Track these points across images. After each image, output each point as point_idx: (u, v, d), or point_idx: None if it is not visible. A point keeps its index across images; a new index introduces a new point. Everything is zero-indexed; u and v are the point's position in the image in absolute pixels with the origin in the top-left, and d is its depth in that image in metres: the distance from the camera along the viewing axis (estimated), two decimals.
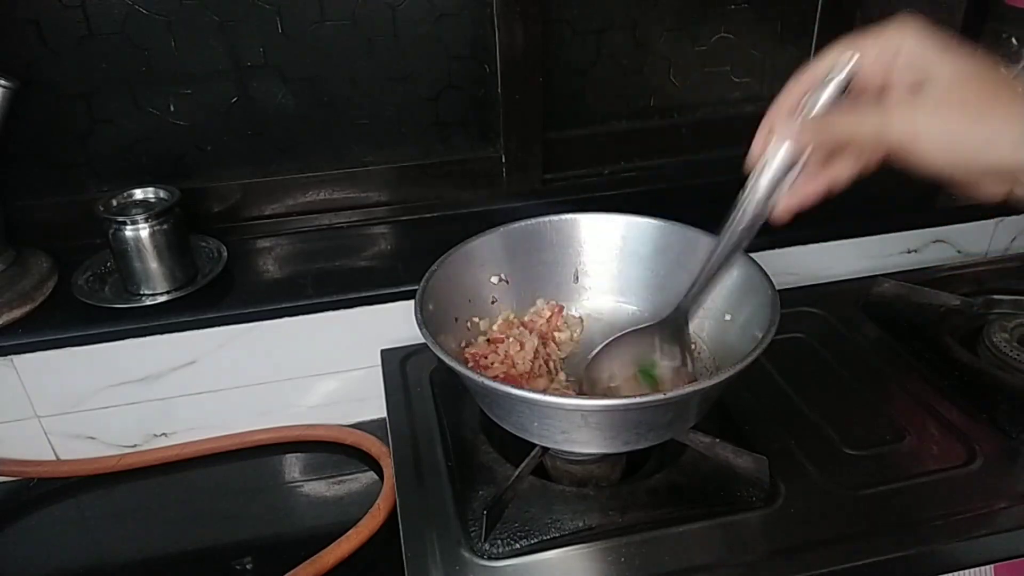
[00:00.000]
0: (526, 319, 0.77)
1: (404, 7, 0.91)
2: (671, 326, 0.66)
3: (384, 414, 0.81)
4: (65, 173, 0.92)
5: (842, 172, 0.50)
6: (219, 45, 0.89)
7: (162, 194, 0.86)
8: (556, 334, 0.76)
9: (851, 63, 0.47)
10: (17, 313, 0.82)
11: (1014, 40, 0.97)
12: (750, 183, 0.52)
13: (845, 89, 0.48)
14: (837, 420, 0.75)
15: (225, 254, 0.92)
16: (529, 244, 0.78)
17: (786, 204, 0.51)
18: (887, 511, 0.65)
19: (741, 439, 0.70)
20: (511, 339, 0.72)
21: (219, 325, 0.85)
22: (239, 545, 0.79)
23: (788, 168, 0.50)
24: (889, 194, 1.00)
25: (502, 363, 0.71)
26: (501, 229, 0.77)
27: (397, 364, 0.86)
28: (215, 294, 0.87)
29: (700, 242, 0.72)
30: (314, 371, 0.91)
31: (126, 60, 0.87)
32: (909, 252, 1.05)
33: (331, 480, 0.86)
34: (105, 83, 0.88)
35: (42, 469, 0.88)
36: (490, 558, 0.62)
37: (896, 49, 0.46)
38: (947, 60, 0.44)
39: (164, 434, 0.91)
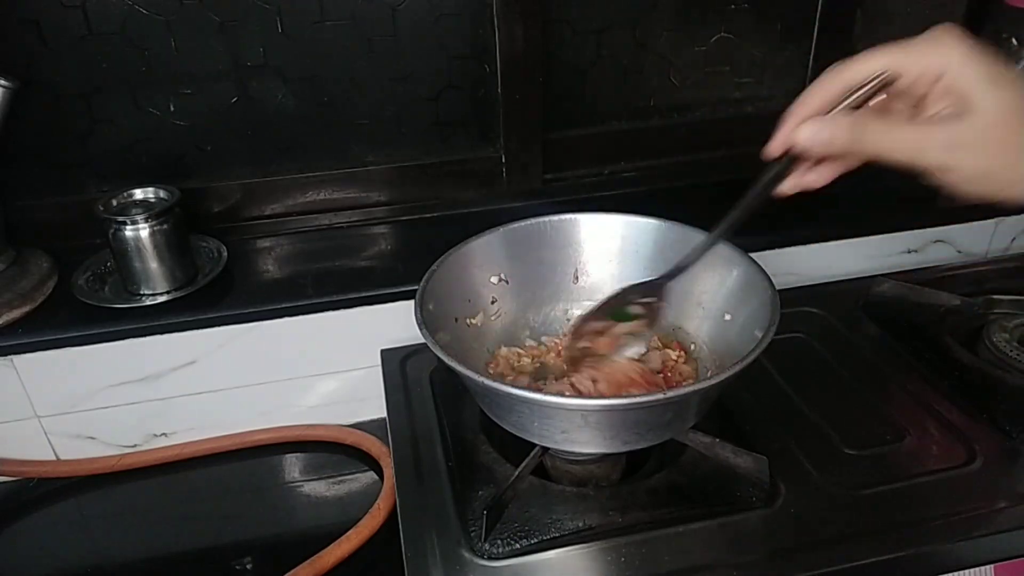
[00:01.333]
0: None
1: (404, 7, 0.91)
2: (651, 284, 0.67)
3: (384, 414, 0.81)
4: (65, 173, 0.92)
5: (851, 164, 0.51)
6: (219, 45, 0.89)
7: (162, 194, 0.86)
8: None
9: (888, 73, 0.46)
10: (17, 313, 0.82)
11: (1014, 40, 0.97)
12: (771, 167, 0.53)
13: (872, 96, 0.48)
14: (837, 420, 0.75)
15: (225, 254, 0.92)
16: (529, 244, 0.78)
17: (794, 184, 0.53)
18: (887, 511, 0.65)
19: (741, 439, 0.70)
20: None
21: (219, 325, 0.85)
22: (239, 545, 0.79)
23: (811, 155, 0.51)
24: (889, 194, 1.00)
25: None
26: (501, 229, 0.77)
27: (397, 364, 0.86)
28: (215, 294, 0.87)
29: (700, 242, 0.73)
30: (314, 371, 0.91)
31: (126, 60, 0.87)
32: (909, 252, 1.05)
33: (331, 480, 0.86)
34: (105, 83, 0.88)
35: (42, 469, 0.88)
36: (490, 558, 0.62)
37: (939, 71, 0.44)
38: (990, 92, 0.43)
39: (164, 434, 0.91)
